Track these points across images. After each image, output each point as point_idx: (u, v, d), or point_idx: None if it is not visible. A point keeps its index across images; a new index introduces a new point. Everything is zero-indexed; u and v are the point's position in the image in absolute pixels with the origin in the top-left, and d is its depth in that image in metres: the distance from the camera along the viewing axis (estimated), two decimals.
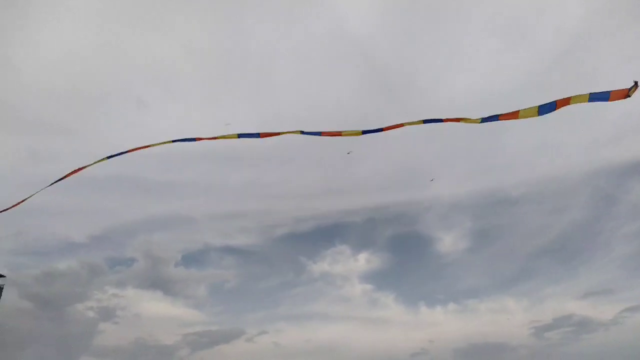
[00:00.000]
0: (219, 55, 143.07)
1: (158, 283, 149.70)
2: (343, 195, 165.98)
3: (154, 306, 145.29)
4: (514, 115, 13.54)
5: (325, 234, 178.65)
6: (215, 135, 13.08)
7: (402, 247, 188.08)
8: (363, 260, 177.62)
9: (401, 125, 14.29)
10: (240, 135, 13.75)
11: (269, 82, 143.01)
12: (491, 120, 13.62)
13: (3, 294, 76.53)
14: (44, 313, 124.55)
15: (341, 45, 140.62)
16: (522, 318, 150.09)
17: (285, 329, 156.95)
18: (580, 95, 12.52)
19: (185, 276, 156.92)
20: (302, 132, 13.74)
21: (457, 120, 13.96)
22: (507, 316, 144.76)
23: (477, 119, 13.68)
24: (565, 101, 12.56)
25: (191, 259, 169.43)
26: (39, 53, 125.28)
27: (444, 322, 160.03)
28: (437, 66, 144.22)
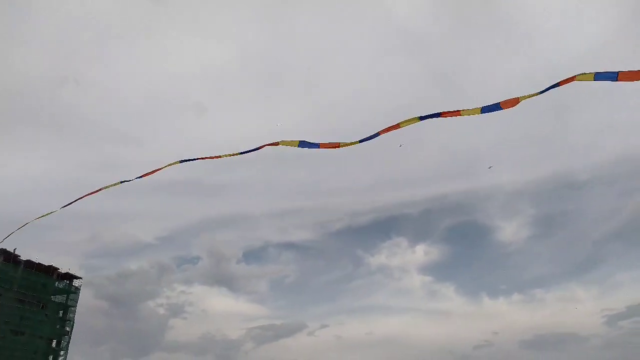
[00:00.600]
0: (269, 57, 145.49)
1: (222, 280, 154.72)
2: (398, 187, 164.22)
3: (219, 302, 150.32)
4: (514, 101, 13.01)
5: (382, 227, 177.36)
6: (277, 141, 13.32)
7: (460, 238, 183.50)
8: (421, 252, 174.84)
9: (397, 126, 13.91)
10: (301, 144, 13.91)
11: (319, 79, 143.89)
12: (493, 110, 13.11)
13: (80, 294, 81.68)
14: (117, 311, 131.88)
15: (391, 36, 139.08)
16: (593, 307, 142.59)
17: (345, 322, 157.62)
18: (585, 74, 12.10)
19: (247, 272, 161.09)
20: (301, 145, 13.63)
21: (457, 113, 13.44)
22: (576, 305, 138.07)
23: (477, 109, 13.19)
24: (570, 79, 12.18)
25: (252, 255, 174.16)
26: (112, 68, 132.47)
27: (508, 313, 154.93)
28: (493, 50, 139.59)
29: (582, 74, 12.05)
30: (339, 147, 13.67)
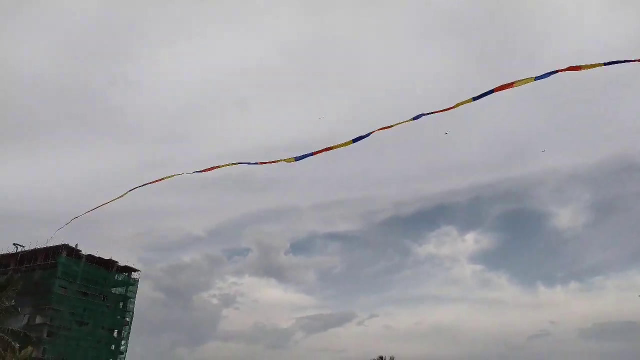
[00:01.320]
0: (309, 50, 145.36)
1: (271, 270, 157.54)
2: (445, 175, 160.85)
3: (269, 292, 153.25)
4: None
5: (429, 216, 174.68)
6: (331, 145, 13.22)
7: (513, 225, 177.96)
8: (471, 241, 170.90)
9: (452, 107, 13.37)
10: (354, 140, 13.75)
11: (361, 70, 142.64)
12: (547, 76, 12.37)
13: (138, 286, 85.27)
14: (173, 302, 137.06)
15: (430, 19, 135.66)
16: None
17: (395, 312, 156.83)
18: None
19: (295, 263, 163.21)
20: (296, 159, 13.44)
21: (510, 85, 12.72)
22: (638, 293, 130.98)
23: (530, 78, 12.50)
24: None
25: (299, 247, 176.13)
26: (157, 68, 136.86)
27: (566, 302, 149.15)
28: (539, 27, 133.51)
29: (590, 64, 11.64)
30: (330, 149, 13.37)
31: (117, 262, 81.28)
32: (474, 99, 12.74)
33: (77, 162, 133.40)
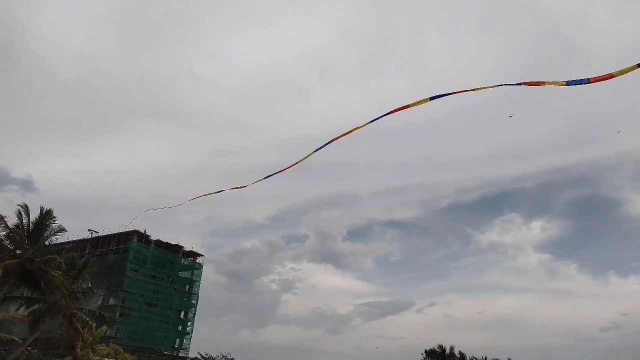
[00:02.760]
0: (370, 35, 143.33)
1: (328, 257, 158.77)
2: (511, 160, 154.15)
3: (326, 278, 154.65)
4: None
5: (492, 203, 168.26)
6: (409, 103, 12.47)
7: (583, 212, 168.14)
8: (538, 229, 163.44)
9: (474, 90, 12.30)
10: (432, 98, 13.11)
11: (422, 53, 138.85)
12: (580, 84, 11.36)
13: (203, 270, 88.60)
14: (236, 286, 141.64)
15: (493, 3, 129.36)
16: None
17: (455, 301, 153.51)
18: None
19: (352, 250, 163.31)
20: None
21: (540, 83, 11.65)
22: None
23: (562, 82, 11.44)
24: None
25: (356, 233, 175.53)
26: (219, 59, 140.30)
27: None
28: (615, 6, 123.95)
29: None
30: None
31: (183, 247, 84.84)
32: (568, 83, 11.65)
33: (147, 152, 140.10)
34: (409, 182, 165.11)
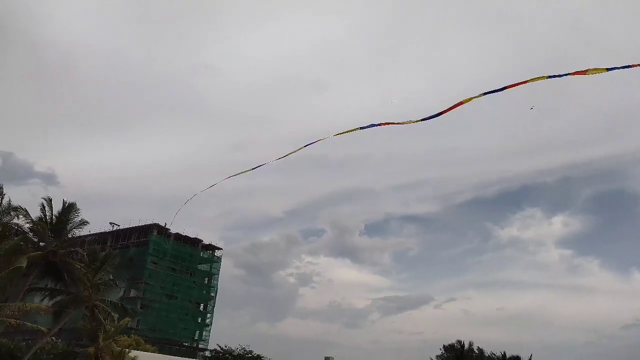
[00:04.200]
0: (386, 28, 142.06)
1: (346, 251, 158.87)
2: (531, 154, 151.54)
3: (344, 273, 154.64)
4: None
5: (512, 198, 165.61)
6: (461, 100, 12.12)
7: (606, 207, 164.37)
8: (559, 224, 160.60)
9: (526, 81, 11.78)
10: (485, 93, 12.53)
11: (439, 47, 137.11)
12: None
13: (221, 263, 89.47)
14: (254, 279, 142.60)
15: None
16: None
17: (474, 297, 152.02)
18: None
19: (370, 245, 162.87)
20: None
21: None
22: None
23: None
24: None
25: (374, 228, 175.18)
26: (236, 53, 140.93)
27: None
28: None
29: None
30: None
31: (202, 241, 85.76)
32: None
33: (166, 146, 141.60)
34: (427, 177, 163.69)
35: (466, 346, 70.77)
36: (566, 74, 11.63)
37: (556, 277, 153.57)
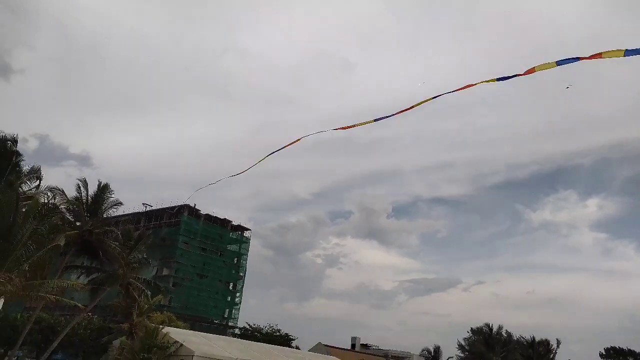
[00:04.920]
0: (417, 6, 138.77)
1: (373, 233, 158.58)
2: (567, 135, 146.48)
3: (371, 254, 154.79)
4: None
5: (546, 180, 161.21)
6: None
7: None
8: (594, 207, 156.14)
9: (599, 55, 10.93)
10: (499, 79, 12.03)
11: (471, 25, 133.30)
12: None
13: (250, 244, 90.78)
14: (281, 260, 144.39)
15: None
16: None
17: (504, 280, 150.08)
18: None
19: (397, 227, 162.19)
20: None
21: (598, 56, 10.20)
22: None
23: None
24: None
25: (401, 210, 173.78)
26: (264, 34, 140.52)
27: None
28: None
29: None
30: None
31: (231, 222, 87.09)
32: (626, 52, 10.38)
33: (196, 127, 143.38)
34: (457, 158, 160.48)
35: (495, 329, 70.24)
36: (576, 58, 10.76)
37: (590, 261, 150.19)
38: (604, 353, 75.09)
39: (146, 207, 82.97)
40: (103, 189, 37.03)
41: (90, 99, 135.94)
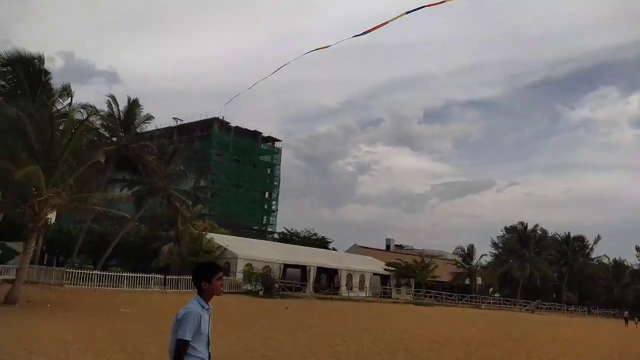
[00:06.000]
0: None
1: (404, 140, 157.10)
2: (609, 28, 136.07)
3: (402, 160, 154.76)
4: None
5: (585, 77, 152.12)
6: None
7: None
8: (636, 103, 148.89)
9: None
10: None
11: None
12: None
13: (281, 154, 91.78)
14: (313, 169, 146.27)
15: None
16: None
17: (539, 180, 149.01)
18: None
19: (429, 132, 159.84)
20: None
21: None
22: None
23: None
24: None
25: (433, 115, 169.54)
26: None
27: None
28: None
29: None
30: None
31: (261, 133, 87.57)
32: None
33: (220, 41, 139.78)
34: (491, 58, 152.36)
35: (529, 227, 70.34)
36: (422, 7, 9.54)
37: (629, 158, 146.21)
38: None
39: (177, 121, 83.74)
40: (133, 105, 37.26)
41: (113, 15, 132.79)
